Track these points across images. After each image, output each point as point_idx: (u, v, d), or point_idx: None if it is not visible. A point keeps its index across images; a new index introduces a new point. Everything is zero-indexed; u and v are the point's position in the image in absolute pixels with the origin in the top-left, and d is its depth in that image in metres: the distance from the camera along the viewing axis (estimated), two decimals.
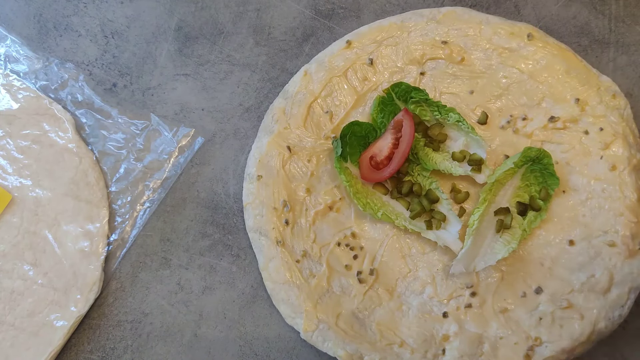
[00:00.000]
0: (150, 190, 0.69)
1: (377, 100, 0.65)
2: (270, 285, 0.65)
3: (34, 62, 0.73)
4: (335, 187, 0.66)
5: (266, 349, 0.65)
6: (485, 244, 0.62)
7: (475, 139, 0.63)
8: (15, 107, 0.70)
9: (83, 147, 0.70)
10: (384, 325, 0.62)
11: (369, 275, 0.63)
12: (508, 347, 0.60)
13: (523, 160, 0.61)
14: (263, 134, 0.68)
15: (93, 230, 0.67)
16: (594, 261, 0.60)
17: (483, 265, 0.61)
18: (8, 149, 0.69)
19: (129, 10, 0.74)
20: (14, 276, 0.66)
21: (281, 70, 0.72)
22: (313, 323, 0.62)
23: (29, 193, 0.68)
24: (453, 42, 0.67)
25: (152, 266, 0.68)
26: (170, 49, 0.73)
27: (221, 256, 0.68)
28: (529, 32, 0.66)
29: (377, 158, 0.64)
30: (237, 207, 0.69)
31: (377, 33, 0.68)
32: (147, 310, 0.67)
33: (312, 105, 0.67)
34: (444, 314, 0.61)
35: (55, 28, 0.74)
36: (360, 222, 0.65)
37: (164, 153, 0.70)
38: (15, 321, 0.65)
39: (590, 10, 0.71)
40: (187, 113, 0.72)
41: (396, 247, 0.64)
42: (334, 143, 0.64)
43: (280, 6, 0.73)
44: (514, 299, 0.61)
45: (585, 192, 0.62)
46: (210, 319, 0.66)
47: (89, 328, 0.67)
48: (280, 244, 0.64)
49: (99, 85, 0.73)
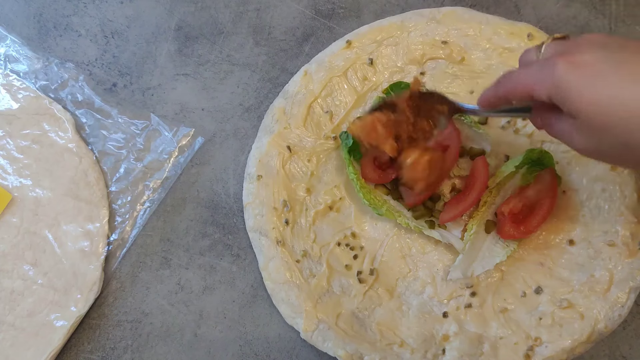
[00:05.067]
0: (150, 190, 0.69)
1: (377, 101, 0.65)
2: (270, 285, 0.65)
3: (34, 62, 0.73)
4: (335, 187, 0.66)
5: (266, 349, 0.65)
6: (484, 247, 0.62)
7: (478, 132, 0.63)
8: (15, 107, 0.70)
9: (83, 147, 0.69)
10: (384, 325, 0.62)
11: (369, 275, 0.63)
12: (508, 347, 0.60)
13: (524, 161, 0.61)
14: (263, 134, 0.68)
15: (93, 230, 0.67)
16: (594, 261, 0.60)
17: (481, 269, 0.61)
18: (8, 149, 0.69)
19: (129, 10, 0.74)
20: (14, 276, 0.66)
21: (281, 70, 0.72)
22: (313, 323, 0.62)
23: (29, 193, 0.68)
24: (453, 42, 0.67)
25: (152, 266, 0.68)
26: (170, 49, 0.73)
27: (221, 256, 0.68)
28: (529, 32, 0.66)
29: (381, 159, 0.64)
30: (237, 207, 0.69)
31: (377, 33, 0.68)
32: (147, 310, 0.67)
33: (312, 105, 0.67)
34: (444, 314, 0.62)
35: (55, 28, 0.74)
36: (360, 222, 0.65)
37: (164, 153, 0.70)
38: (15, 321, 0.65)
39: (590, 10, 0.71)
40: (187, 113, 0.72)
41: (396, 247, 0.64)
42: (343, 135, 0.64)
43: (280, 6, 0.73)
44: (514, 299, 0.61)
45: (585, 192, 0.62)
46: (210, 319, 0.66)
47: (89, 328, 0.67)
48: (280, 244, 0.64)
49: (99, 85, 0.73)
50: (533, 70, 0.46)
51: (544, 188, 0.61)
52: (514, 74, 0.48)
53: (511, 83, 0.48)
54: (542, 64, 0.45)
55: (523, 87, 0.46)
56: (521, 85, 0.46)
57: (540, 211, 0.61)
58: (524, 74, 0.47)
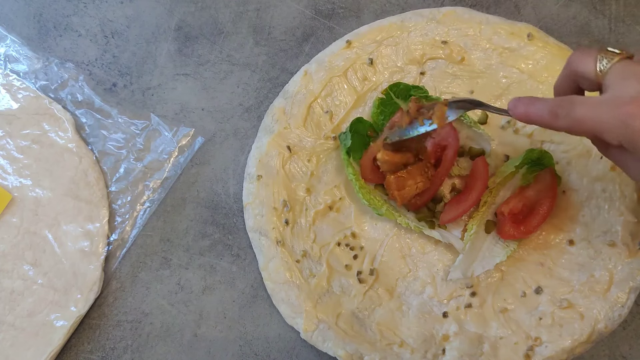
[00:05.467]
0: (150, 190, 0.69)
1: (377, 102, 0.65)
2: (270, 285, 0.65)
3: (34, 62, 0.73)
4: (335, 187, 0.66)
5: (266, 349, 0.65)
6: (484, 247, 0.62)
7: (478, 132, 0.63)
8: (15, 107, 0.70)
9: (83, 147, 0.69)
10: (384, 325, 0.62)
11: (369, 275, 0.63)
12: (508, 347, 0.60)
13: (524, 161, 0.61)
14: (263, 134, 0.68)
15: (93, 230, 0.67)
16: (594, 261, 0.60)
17: (481, 270, 0.61)
18: (8, 149, 0.69)
19: (129, 10, 0.74)
20: (14, 276, 0.66)
21: (281, 70, 0.72)
22: (313, 323, 0.62)
23: (29, 193, 0.68)
24: (453, 41, 0.67)
25: (152, 266, 0.68)
26: (170, 49, 0.73)
27: (221, 256, 0.68)
28: (529, 32, 0.66)
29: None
30: (237, 207, 0.69)
31: (377, 33, 0.68)
32: (147, 310, 0.67)
33: (312, 105, 0.67)
34: (444, 314, 0.62)
35: (55, 28, 0.74)
36: (360, 222, 0.65)
37: (164, 153, 0.70)
38: (15, 321, 0.65)
39: (590, 10, 0.71)
40: (187, 113, 0.72)
41: (396, 247, 0.64)
42: (342, 136, 0.64)
43: (280, 6, 0.73)
44: (514, 299, 0.61)
45: (585, 192, 0.62)
46: (210, 319, 0.66)
47: (89, 328, 0.67)
48: (280, 244, 0.64)
49: (99, 85, 0.73)
50: (602, 111, 0.41)
51: (544, 188, 0.61)
52: (577, 106, 0.43)
53: (574, 117, 0.43)
54: (613, 106, 0.41)
55: (590, 128, 0.42)
56: (588, 125, 0.42)
57: (540, 211, 0.61)
58: (591, 112, 0.42)
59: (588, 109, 0.42)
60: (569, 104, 0.43)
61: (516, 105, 0.47)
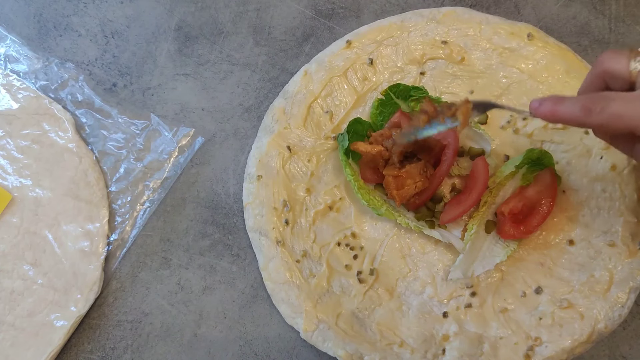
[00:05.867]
0: (150, 190, 0.69)
1: (376, 103, 0.65)
2: (270, 285, 0.65)
3: (34, 62, 0.73)
4: (335, 187, 0.66)
5: (266, 349, 0.65)
6: (485, 247, 0.62)
7: (478, 132, 0.63)
8: (15, 107, 0.70)
9: (83, 147, 0.69)
10: (384, 325, 0.62)
11: (369, 275, 0.63)
12: (508, 347, 0.60)
13: (524, 161, 0.61)
14: (263, 134, 0.68)
15: (93, 230, 0.67)
16: (594, 261, 0.60)
17: (481, 270, 0.61)
18: (8, 149, 0.69)
19: (129, 10, 0.74)
20: (14, 276, 0.66)
21: (281, 70, 0.72)
22: (313, 323, 0.62)
23: (29, 193, 0.68)
24: (453, 42, 0.67)
25: (152, 266, 0.68)
26: (170, 49, 0.73)
27: (221, 256, 0.68)
28: (529, 32, 0.66)
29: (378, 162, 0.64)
30: (237, 207, 0.69)
31: (377, 33, 0.68)
32: (147, 310, 0.67)
33: (312, 105, 0.67)
34: (444, 314, 0.62)
35: (55, 28, 0.74)
36: (360, 222, 0.65)
37: (164, 153, 0.70)
38: (15, 321, 0.65)
39: (590, 10, 0.71)
40: (187, 113, 0.72)
41: (396, 247, 0.64)
42: (340, 137, 0.64)
43: (280, 6, 0.73)
44: (514, 299, 0.61)
45: (585, 192, 0.62)
46: (210, 319, 0.66)
47: (89, 328, 0.67)
48: (280, 244, 0.64)
49: (99, 85, 0.73)
50: (637, 106, 0.41)
51: (544, 188, 0.61)
52: (613, 101, 0.42)
53: (611, 112, 0.42)
54: None
55: (627, 123, 0.42)
56: (625, 120, 0.42)
57: (540, 211, 0.61)
58: (628, 107, 0.42)
59: (625, 103, 0.42)
60: (603, 99, 0.43)
61: (541, 104, 0.46)
